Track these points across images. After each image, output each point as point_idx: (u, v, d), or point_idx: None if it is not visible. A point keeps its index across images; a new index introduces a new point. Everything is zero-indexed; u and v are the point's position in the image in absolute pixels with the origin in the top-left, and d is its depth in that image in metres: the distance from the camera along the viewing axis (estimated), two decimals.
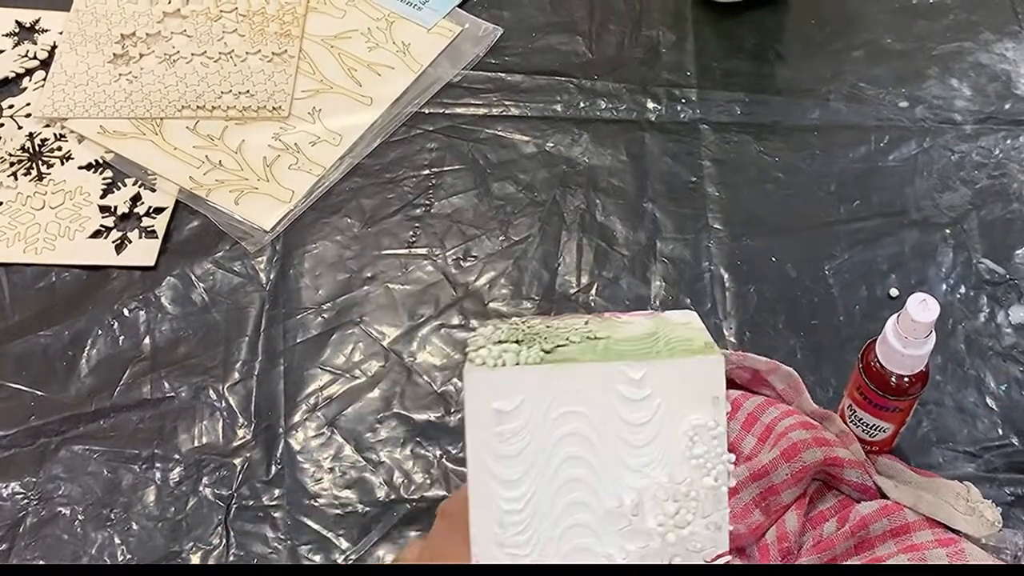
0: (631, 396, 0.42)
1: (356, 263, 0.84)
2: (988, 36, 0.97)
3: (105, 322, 0.81)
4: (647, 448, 0.42)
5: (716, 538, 0.42)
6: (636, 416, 0.42)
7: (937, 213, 0.86)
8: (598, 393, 0.42)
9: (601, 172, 0.89)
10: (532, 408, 0.41)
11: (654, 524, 0.42)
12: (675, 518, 0.42)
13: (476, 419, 0.41)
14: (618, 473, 0.42)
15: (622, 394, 0.42)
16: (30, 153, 0.90)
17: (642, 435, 0.42)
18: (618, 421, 0.42)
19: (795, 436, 0.68)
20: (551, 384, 0.42)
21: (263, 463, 0.74)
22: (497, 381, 0.42)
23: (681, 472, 0.42)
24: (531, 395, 0.41)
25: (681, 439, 0.42)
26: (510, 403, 0.41)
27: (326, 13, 1.00)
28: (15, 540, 0.71)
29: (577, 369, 0.42)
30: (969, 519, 0.66)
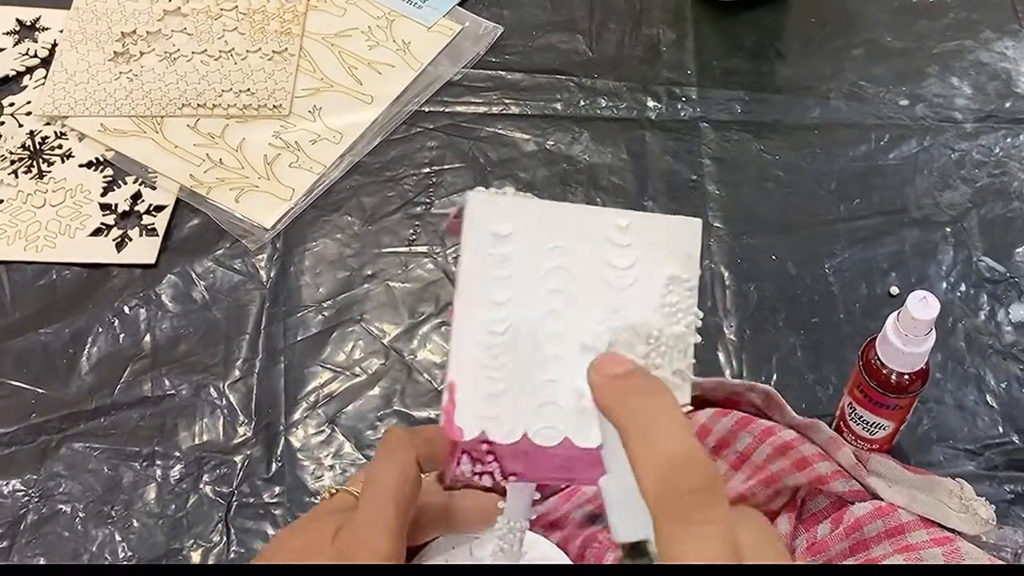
0: (617, 241, 0.44)
1: (356, 261, 0.84)
2: (988, 34, 0.97)
3: (106, 320, 0.81)
4: (625, 292, 0.44)
5: (682, 387, 0.44)
6: (619, 260, 0.44)
7: (937, 211, 0.86)
8: (587, 233, 0.44)
9: (601, 170, 0.89)
10: (527, 236, 0.43)
11: None
12: (645, 360, 0.44)
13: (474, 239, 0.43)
14: (596, 312, 0.44)
15: (608, 237, 0.44)
16: (31, 151, 0.90)
17: (622, 279, 0.44)
18: (602, 263, 0.44)
19: (774, 468, 0.67)
20: (546, 217, 0.44)
21: (264, 461, 0.74)
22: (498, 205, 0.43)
23: (654, 318, 0.44)
24: (527, 224, 0.43)
25: (656, 287, 0.45)
26: (507, 228, 0.43)
27: (326, 11, 1.00)
28: (16, 537, 0.71)
29: (570, 208, 0.44)
30: (963, 517, 0.66)
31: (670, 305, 0.45)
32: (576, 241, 0.44)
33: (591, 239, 0.44)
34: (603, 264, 0.44)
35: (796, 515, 0.67)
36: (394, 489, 0.47)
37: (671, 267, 0.45)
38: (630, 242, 0.44)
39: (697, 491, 0.34)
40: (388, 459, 0.48)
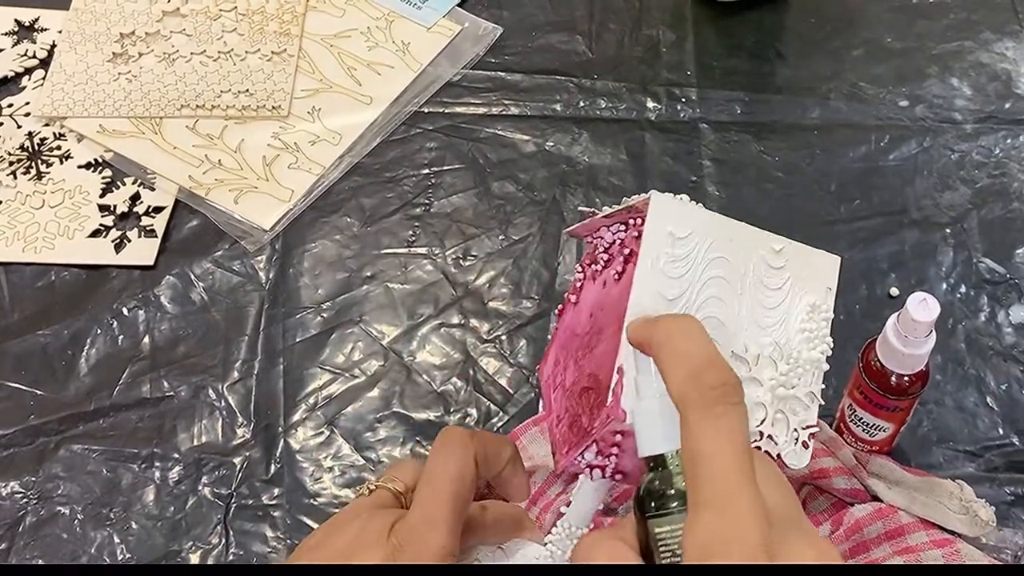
0: (771, 263, 0.48)
1: (356, 262, 0.84)
2: (988, 35, 0.97)
3: (104, 321, 0.81)
4: (774, 311, 0.48)
5: (810, 408, 0.48)
6: (771, 281, 0.48)
7: (937, 212, 0.85)
8: (747, 250, 0.48)
9: (601, 171, 0.89)
10: (697, 242, 0.46)
11: (768, 377, 0.47)
12: (784, 377, 0.47)
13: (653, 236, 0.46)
14: (747, 325, 0.47)
15: (765, 259, 0.48)
16: (29, 152, 0.90)
17: (773, 298, 0.48)
18: (757, 280, 0.47)
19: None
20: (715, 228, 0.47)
21: (262, 462, 0.74)
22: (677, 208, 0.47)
23: (795, 340, 0.48)
24: (699, 230, 0.47)
25: (799, 312, 0.48)
26: (683, 231, 0.46)
27: (325, 12, 1.00)
28: (14, 539, 0.71)
29: (736, 225, 0.48)
30: (963, 519, 0.66)
31: (809, 331, 0.48)
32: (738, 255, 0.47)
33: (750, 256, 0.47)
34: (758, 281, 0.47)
35: None
36: (452, 486, 0.46)
37: (812, 295, 0.48)
38: (783, 265, 0.48)
39: (718, 386, 0.37)
40: (447, 456, 0.47)
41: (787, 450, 0.46)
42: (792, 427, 0.47)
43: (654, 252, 0.46)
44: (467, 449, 0.47)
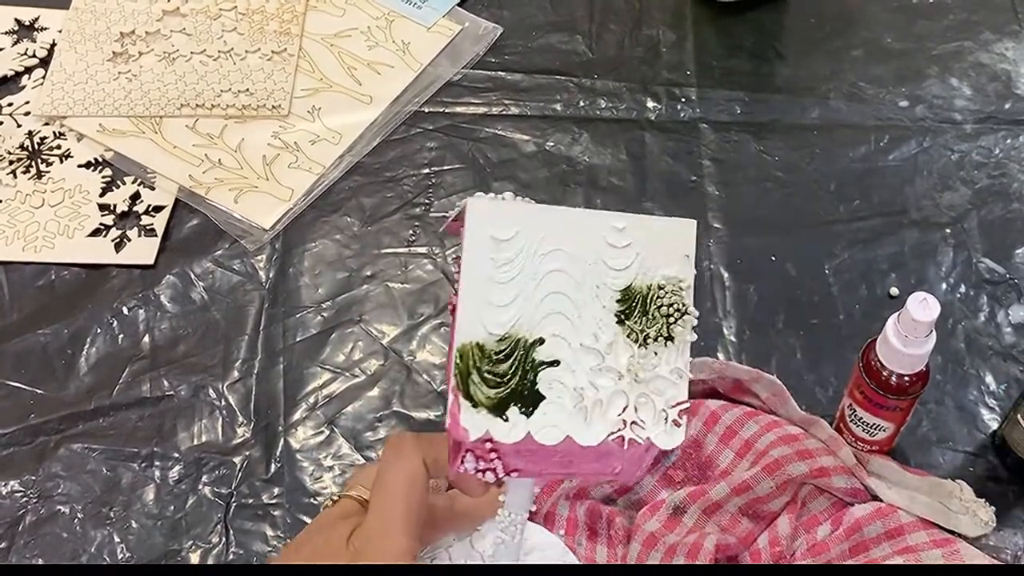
0: (614, 243, 0.46)
1: (356, 262, 0.84)
2: (988, 36, 0.97)
3: (104, 320, 0.81)
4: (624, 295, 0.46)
5: (678, 385, 0.46)
6: (617, 262, 0.46)
7: (937, 212, 0.86)
8: (585, 236, 0.45)
9: (601, 171, 0.89)
10: (526, 240, 0.44)
11: (624, 362, 0.45)
12: (643, 360, 0.46)
13: (474, 244, 0.44)
14: (596, 312, 0.45)
15: (606, 240, 0.46)
16: (29, 151, 0.90)
17: (620, 280, 0.46)
18: (600, 264, 0.45)
19: (776, 453, 0.67)
20: (544, 221, 0.45)
21: (262, 461, 0.74)
22: (497, 210, 0.45)
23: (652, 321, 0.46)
24: (526, 228, 0.45)
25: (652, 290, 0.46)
26: (507, 232, 0.44)
27: (325, 11, 1.00)
28: (14, 538, 0.71)
29: (568, 212, 0.46)
30: (963, 519, 0.66)
31: (667, 305, 0.46)
32: (574, 244, 0.45)
33: (589, 241, 0.45)
34: (601, 266, 0.45)
35: (796, 516, 0.67)
36: (404, 492, 0.48)
37: (668, 268, 0.46)
38: (628, 243, 0.46)
39: None
40: (396, 463, 0.49)
41: (656, 432, 0.45)
42: (659, 407, 0.45)
43: (478, 262, 0.44)
44: (415, 453, 0.49)
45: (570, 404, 0.44)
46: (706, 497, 0.67)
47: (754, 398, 0.72)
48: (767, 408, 0.72)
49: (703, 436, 0.70)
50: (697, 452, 0.70)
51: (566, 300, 0.45)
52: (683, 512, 0.67)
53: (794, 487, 0.68)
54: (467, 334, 0.44)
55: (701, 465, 0.70)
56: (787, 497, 0.68)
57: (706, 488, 0.68)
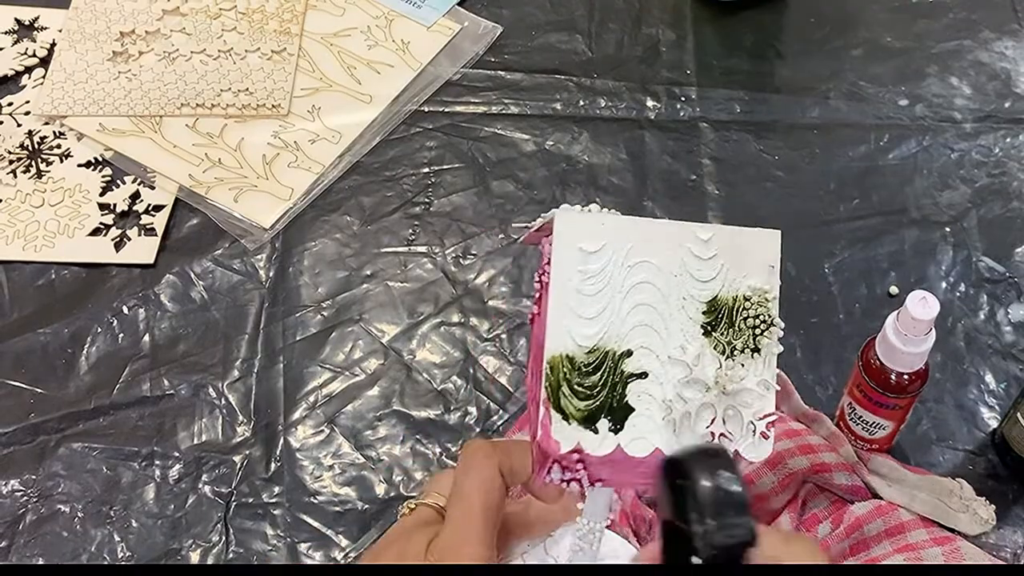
0: (700, 254, 0.46)
1: (355, 261, 0.84)
2: (988, 34, 0.97)
3: (104, 320, 0.81)
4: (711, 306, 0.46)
5: (765, 397, 0.46)
6: (702, 273, 0.46)
7: (937, 211, 0.86)
8: (671, 248, 0.45)
9: (601, 170, 0.89)
10: (613, 252, 0.45)
11: (712, 374, 0.45)
12: (731, 372, 0.46)
13: (562, 255, 0.44)
14: (683, 324, 0.45)
15: (692, 251, 0.46)
16: (29, 151, 0.90)
17: (706, 292, 0.46)
18: (686, 275, 0.45)
19: (779, 447, 0.68)
20: (631, 233, 0.45)
21: (262, 460, 0.74)
22: (585, 222, 0.45)
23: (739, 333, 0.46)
24: (613, 239, 0.45)
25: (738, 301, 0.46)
26: (594, 244, 0.45)
27: (325, 11, 1.00)
28: (15, 537, 0.71)
29: (654, 223, 0.46)
30: (963, 517, 0.66)
31: (753, 316, 0.46)
32: (660, 255, 0.45)
33: (675, 252, 0.45)
34: (687, 277, 0.45)
35: (797, 515, 0.67)
36: (481, 500, 0.48)
37: (753, 278, 0.46)
38: (713, 254, 0.46)
39: None
40: (472, 471, 0.49)
41: (744, 444, 0.45)
42: (747, 420, 0.45)
43: (565, 274, 0.44)
44: (491, 462, 0.49)
45: (659, 416, 0.44)
46: None
47: None
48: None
49: None
50: None
51: (653, 312, 0.45)
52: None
53: (795, 485, 0.68)
54: (557, 346, 0.44)
55: None
56: (788, 495, 0.68)
57: None
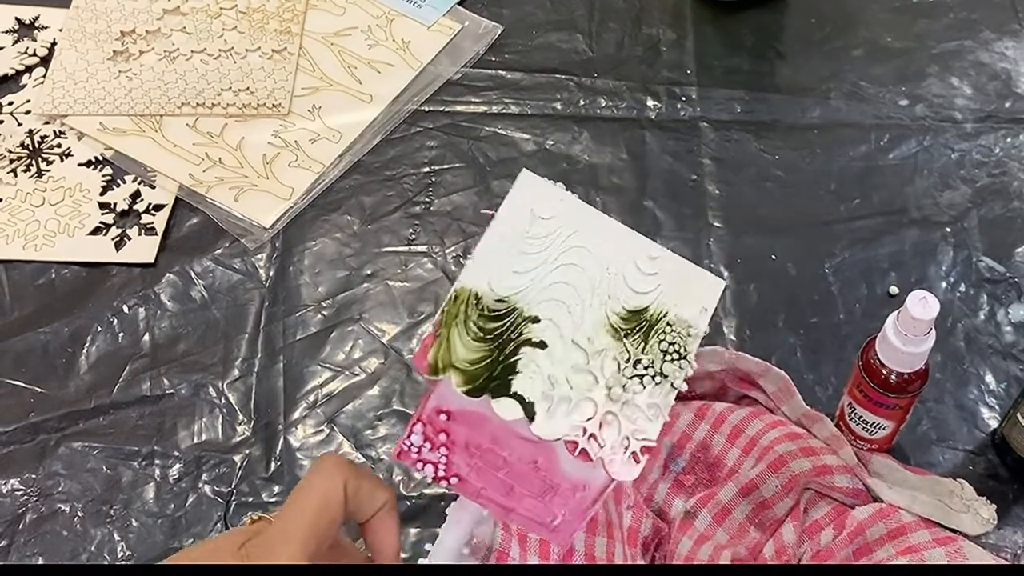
0: (643, 268, 0.47)
1: (356, 260, 0.84)
2: (988, 35, 0.97)
3: (105, 319, 0.81)
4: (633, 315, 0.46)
5: (652, 423, 0.45)
6: (637, 284, 0.46)
7: (937, 211, 0.86)
8: (617, 249, 0.46)
9: (601, 170, 0.89)
10: (560, 227, 0.46)
11: (607, 374, 0.45)
12: (627, 382, 0.45)
13: (513, 208, 0.46)
14: (598, 318, 0.46)
15: (635, 261, 0.46)
16: (30, 150, 0.90)
17: (634, 300, 0.46)
18: (620, 279, 0.46)
19: (780, 449, 0.68)
20: (584, 219, 0.46)
21: (263, 460, 0.74)
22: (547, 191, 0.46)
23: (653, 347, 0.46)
24: (564, 216, 0.46)
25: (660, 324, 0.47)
26: (547, 212, 0.46)
27: (326, 10, 1.00)
28: (15, 537, 0.71)
29: (610, 222, 0.47)
30: (964, 517, 0.66)
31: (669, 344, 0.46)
32: (603, 250, 0.46)
33: (619, 255, 0.46)
34: (621, 280, 0.46)
35: (800, 523, 0.67)
36: (315, 506, 0.47)
37: (684, 311, 0.47)
38: (655, 272, 0.47)
39: None
40: (315, 478, 0.47)
41: (611, 457, 0.44)
42: (623, 434, 0.45)
43: (508, 224, 0.45)
44: (338, 473, 0.47)
45: (539, 389, 0.44)
46: (716, 500, 0.68)
47: (760, 392, 0.72)
48: (773, 403, 0.72)
49: (710, 438, 0.70)
50: (705, 454, 0.70)
51: (574, 295, 0.45)
52: (694, 517, 0.68)
53: (798, 490, 0.68)
54: (471, 281, 0.44)
55: (710, 466, 0.70)
56: (791, 501, 0.68)
57: (715, 491, 0.68)
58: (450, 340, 0.43)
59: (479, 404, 0.43)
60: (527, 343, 0.44)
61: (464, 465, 0.45)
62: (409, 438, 0.44)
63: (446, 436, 0.44)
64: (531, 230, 0.45)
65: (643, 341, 0.46)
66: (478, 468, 0.45)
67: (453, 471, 0.45)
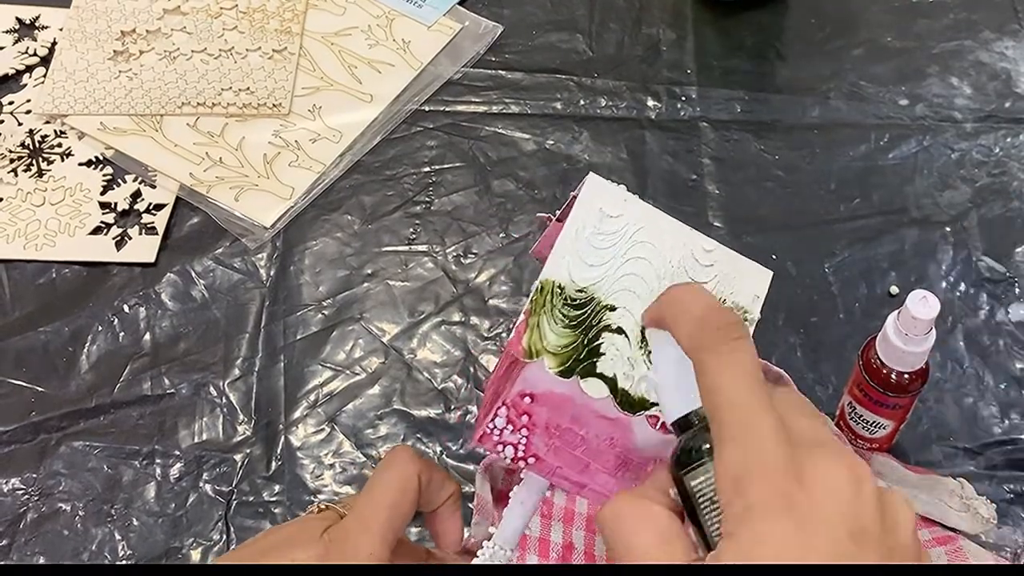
0: (700, 260, 0.49)
1: (356, 260, 0.84)
2: (988, 35, 0.97)
3: (105, 318, 0.81)
4: None
5: None
6: (698, 276, 0.49)
7: (937, 211, 0.86)
8: (677, 243, 0.49)
9: (601, 170, 0.89)
10: (626, 224, 0.48)
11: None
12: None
13: (584, 207, 0.48)
14: None
15: (693, 254, 0.49)
16: (30, 150, 0.90)
17: None
18: (682, 270, 0.49)
19: None
20: (647, 217, 0.49)
21: (263, 459, 0.74)
22: (612, 191, 0.49)
23: None
24: (629, 215, 0.49)
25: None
26: (614, 211, 0.49)
27: (326, 10, 1.00)
28: (15, 536, 0.71)
29: (669, 220, 0.50)
30: (964, 516, 0.66)
31: None
32: (666, 244, 0.49)
33: (678, 248, 0.49)
34: (683, 271, 0.49)
35: None
36: (390, 496, 0.48)
37: (739, 298, 0.50)
38: (711, 263, 0.49)
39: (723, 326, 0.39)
40: (392, 468, 0.49)
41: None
42: None
43: (580, 222, 0.48)
44: (412, 466, 0.49)
45: (620, 371, 0.46)
46: None
47: None
48: None
49: None
50: None
51: (643, 284, 0.47)
52: None
53: None
54: (553, 274, 0.47)
55: None
56: None
57: None
58: (540, 327, 0.45)
59: (565, 385, 0.45)
60: (606, 329, 0.46)
61: (543, 445, 0.47)
62: (493, 421, 0.46)
63: (528, 418, 0.46)
64: (601, 227, 0.48)
65: None
66: (555, 448, 0.47)
67: (532, 451, 0.47)
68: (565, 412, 0.46)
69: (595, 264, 0.47)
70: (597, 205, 0.48)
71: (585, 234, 0.48)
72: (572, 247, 0.47)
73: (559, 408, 0.46)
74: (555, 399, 0.46)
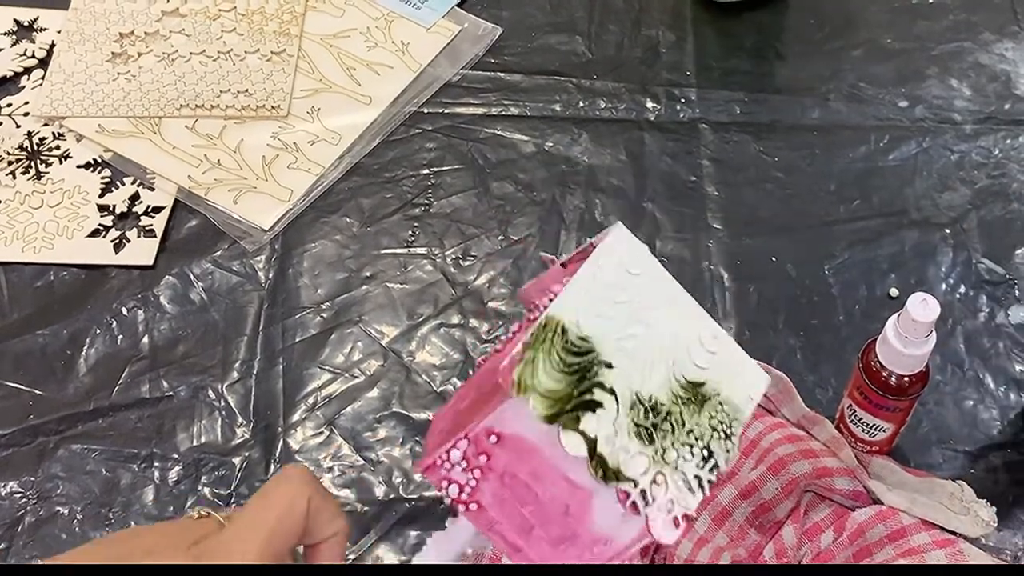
0: (704, 344, 0.48)
1: (355, 262, 0.84)
2: (988, 36, 0.97)
3: (103, 321, 0.81)
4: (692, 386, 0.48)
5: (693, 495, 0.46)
6: (699, 359, 0.48)
7: (937, 213, 0.85)
8: (687, 321, 0.48)
9: (600, 171, 0.89)
10: (644, 286, 0.47)
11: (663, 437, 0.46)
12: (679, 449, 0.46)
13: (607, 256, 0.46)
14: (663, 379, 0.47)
15: (699, 338, 0.48)
16: (28, 152, 0.90)
17: (694, 374, 0.48)
18: (685, 350, 0.47)
19: (781, 451, 0.68)
20: (664, 285, 0.48)
21: (262, 462, 0.74)
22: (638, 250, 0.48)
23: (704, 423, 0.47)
24: (649, 278, 0.47)
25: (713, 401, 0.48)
26: (635, 269, 0.47)
27: (325, 12, 1.00)
28: (13, 539, 0.71)
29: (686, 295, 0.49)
30: (964, 519, 0.66)
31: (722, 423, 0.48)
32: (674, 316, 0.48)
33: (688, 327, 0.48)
34: (685, 351, 0.47)
35: (800, 525, 0.67)
36: (275, 514, 0.45)
37: (732, 394, 0.48)
38: (714, 351, 0.48)
39: None
40: (282, 486, 0.46)
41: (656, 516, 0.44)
42: (669, 496, 0.45)
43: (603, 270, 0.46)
44: (304, 487, 0.46)
45: (603, 434, 0.43)
46: (715, 502, 0.67)
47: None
48: (773, 405, 0.72)
49: None
50: None
51: (643, 352, 0.46)
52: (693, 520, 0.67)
53: (798, 492, 0.68)
54: (562, 313, 0.44)
55: None
56: (791, 503, 0.68)
57: (715, 493, 0.68)
58: (535, 364, 0.43)
59: (540, 433, 0.43)
60: (600, 386, 0.44)
61: (490, 494, 0.43)
62: (448, 452, 0.43)
63: (486, 459, 0.43)
64: (618, 281, 0.46)
65: (698, 413, 0.47)
66: (503, 500, 0.44)
67: (476, 497, 0.43)
68: (527, 464, 0.43)
69: (603, 316, 0.45)
70: (619, 256, 0.47)
71: (602, 282, 0.46)
72: (586, 291, 0.45)
73: (522, 457, 0.43)
74: (522, 446, 0.43)
